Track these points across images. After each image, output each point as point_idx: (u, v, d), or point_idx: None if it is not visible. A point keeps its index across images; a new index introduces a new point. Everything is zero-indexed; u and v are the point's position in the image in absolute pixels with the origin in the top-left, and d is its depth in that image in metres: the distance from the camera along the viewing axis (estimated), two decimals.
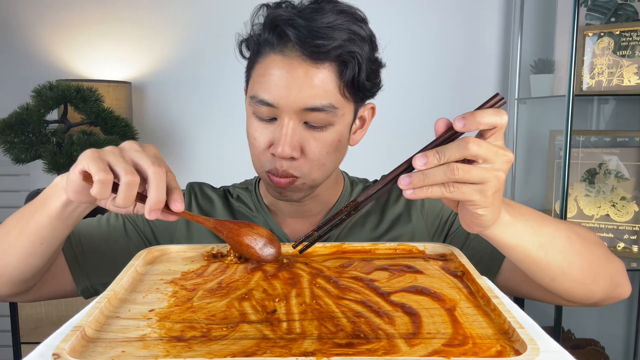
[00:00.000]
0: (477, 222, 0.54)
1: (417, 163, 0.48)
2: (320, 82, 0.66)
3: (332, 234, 0.78)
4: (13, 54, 1.85)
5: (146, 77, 1.87)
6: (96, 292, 0.78)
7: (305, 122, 0.68)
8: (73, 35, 1.85)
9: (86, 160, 0.53)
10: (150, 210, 0.54)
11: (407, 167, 0.52)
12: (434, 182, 0.48)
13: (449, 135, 0.51)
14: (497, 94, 0.52)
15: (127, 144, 0.56)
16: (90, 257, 0.76)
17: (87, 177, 0.54)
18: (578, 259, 0.61)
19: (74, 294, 0.78)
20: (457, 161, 0.48)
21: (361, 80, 0.69)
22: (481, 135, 0.51)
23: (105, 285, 0.77)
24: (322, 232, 0.59)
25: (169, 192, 0.56)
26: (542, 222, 0.60)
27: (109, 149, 0.55)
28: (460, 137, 0.50)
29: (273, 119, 0.69)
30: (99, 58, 1.86)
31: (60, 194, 0.60)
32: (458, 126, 0.48)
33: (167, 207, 0.56)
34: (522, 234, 0.58)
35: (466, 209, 0.53)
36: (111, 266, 0.76)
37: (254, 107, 0.69)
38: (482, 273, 0.73)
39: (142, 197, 0.55)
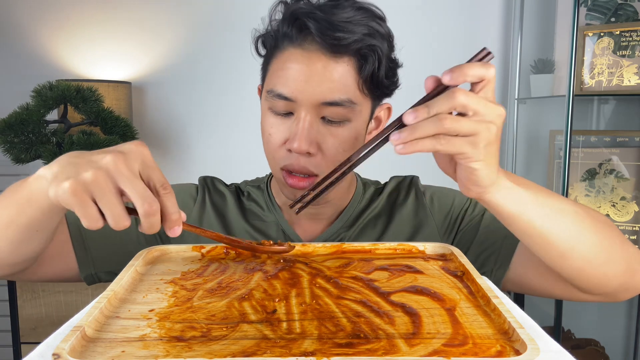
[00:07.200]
0: (472, 179, 0.52)
1: (408, 118, 0.48)
2: (340, 77, 0.66)
3: (345, 235, 0.78)
4: (13, 54, 1.85)
5: (146, 77, 1.88)
6: (99, 280, 0.77)
7: (323, 117, 0.68)
8: (73, 35, 1.85)
9: (68, 195, 0.47)
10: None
11: (399, 124, 0.51)
12: (424, 134, 0.48)
13: (439, 91, 0.50)
14: (484, 48, 0.52)
15: (111, 163, 0.48)
16: (98, 241, 0.75)
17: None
18: (589, 235, 0.58)
19: (75, 277, 0.76)
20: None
21: (380, 76, 0.69)
22: (472, 89, 0.51)
23: (108, 274, 0.78)
24: (318, 193, 0.57)
25: (163, 218, 0.50)
26: (548, 194, 0.58)
27: (91, 176, 0.47)
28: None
29: (289, 114, 0.68)
30: (99, 58, 1.86)
31: (46, 193, 0.53)
32: (445, 79, 0.49)
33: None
34: (525, 202, 0.56)
35: (461, 166, 0.52)
36: (118, 254, 0.75)
37: (271, 101, 0.68)
38: (494, 268, 0.74)
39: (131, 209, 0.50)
